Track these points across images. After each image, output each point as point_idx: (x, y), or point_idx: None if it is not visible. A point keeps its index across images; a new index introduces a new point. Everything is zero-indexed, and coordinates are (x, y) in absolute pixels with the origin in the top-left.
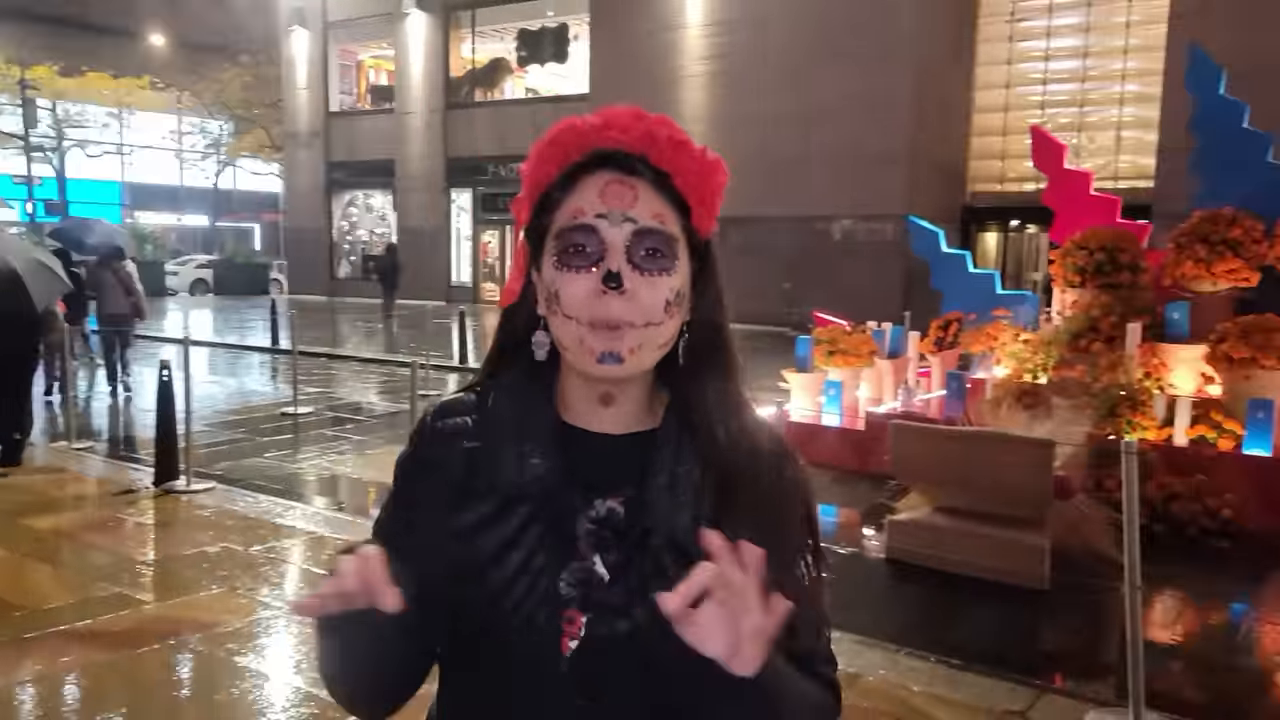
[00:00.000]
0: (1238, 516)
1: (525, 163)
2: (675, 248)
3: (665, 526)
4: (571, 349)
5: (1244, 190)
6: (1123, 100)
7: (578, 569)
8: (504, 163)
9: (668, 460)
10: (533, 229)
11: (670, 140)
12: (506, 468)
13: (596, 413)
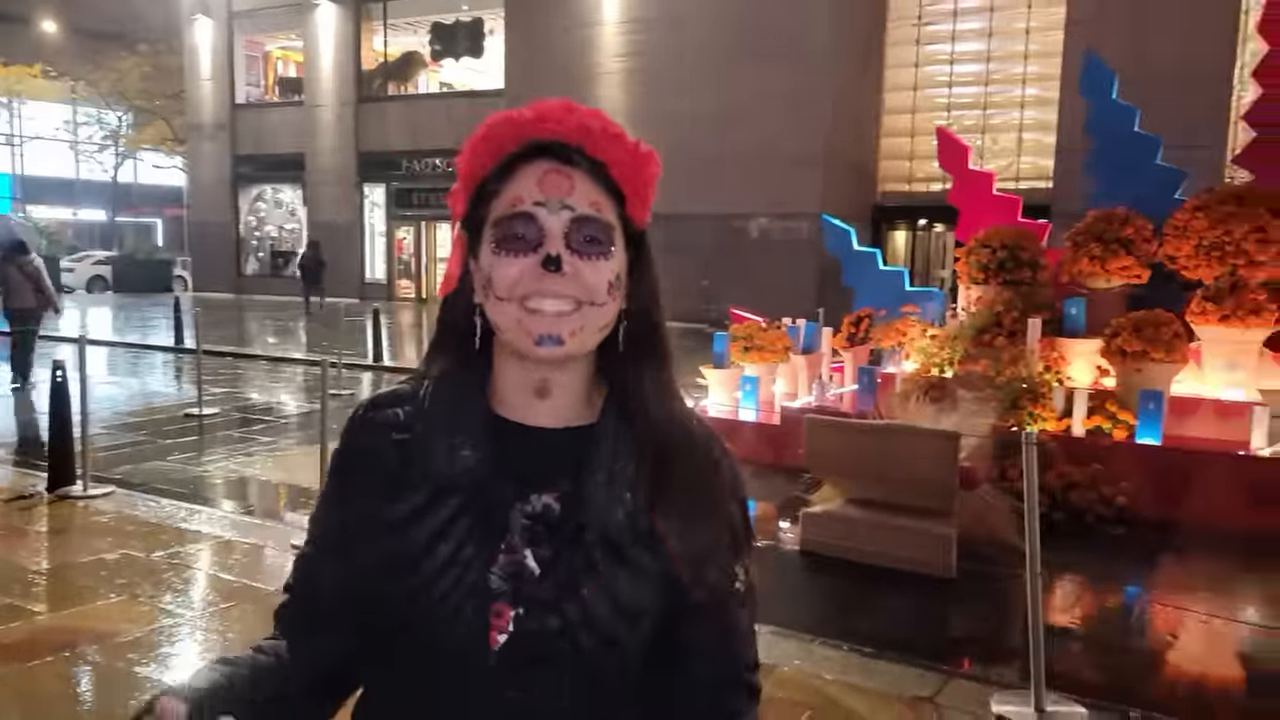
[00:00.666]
0: (1131, 504)
1: (460, 155)
2: (612, 235)
3: (599, 523)
4: (509, 331)
5: (1136, 191)
6: (1023, 104)
7: (508, 562)
8: (418, 157)
9: (605, 456)
10: (470, 219)
11: (604, 132)
12: (437, 458)
13: (532, 406)
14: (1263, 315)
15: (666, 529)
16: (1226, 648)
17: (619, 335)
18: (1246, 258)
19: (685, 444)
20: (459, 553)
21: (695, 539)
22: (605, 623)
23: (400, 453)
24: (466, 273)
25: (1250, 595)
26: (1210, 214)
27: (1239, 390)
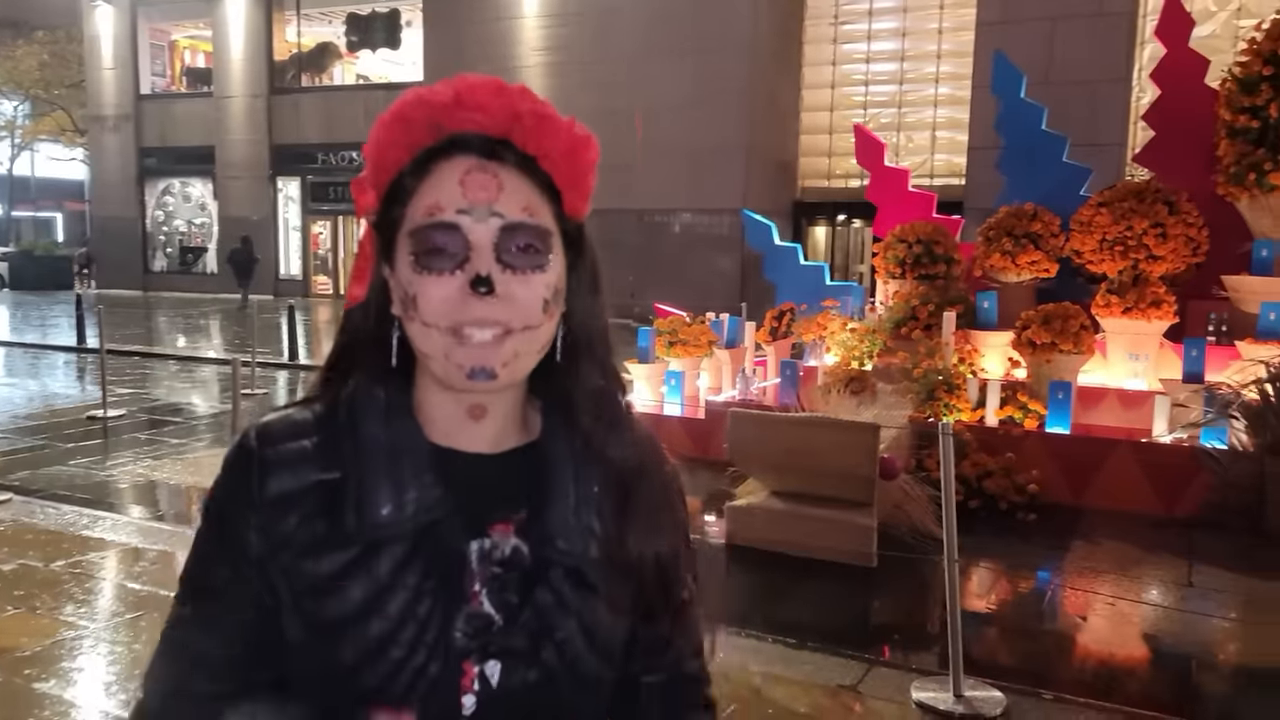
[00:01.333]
0: (1043, 490)
1: (367, 142)
2: (549, 241)
3: (567, 555)
4: (435, 360)
5: (1044, 187)
6: (937, 102)
7: (472, 614)
8: (334, 150)
9: (564, 479)
10: (382, 220)
11: (535, 115)
12: (381, 503)
13: (465, 429)
14: (1163, 308)
15: (637, 552)
16: (1131, 628)
17: (557, 345)
18: (1147, 252)
19: (639, 459)
20: (414, 607)
21: (664, 559)
22: (584, 663)
23: (322, 497)
24: (378, 277)
25: (1153, 576)
26: (1113, 210)
27: (1141, 380)
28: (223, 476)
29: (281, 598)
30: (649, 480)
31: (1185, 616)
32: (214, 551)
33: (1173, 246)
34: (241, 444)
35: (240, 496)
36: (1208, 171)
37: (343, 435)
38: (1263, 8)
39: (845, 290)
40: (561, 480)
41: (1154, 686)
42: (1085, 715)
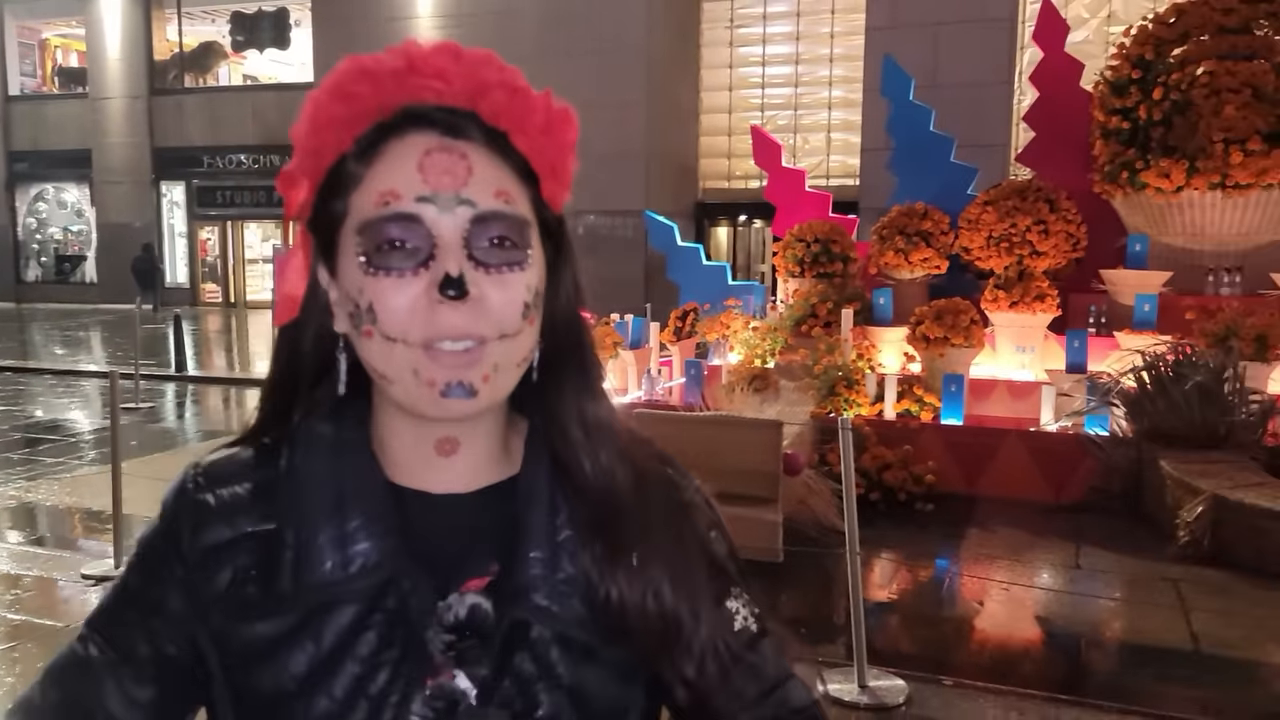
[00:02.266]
0: (939, 481)
1: (297, 123)
2: (527, 234)
3: (548, 619)
4: (400, 383)
5: (933, 187)
6: (831, 105)
7: (436, 690)
8: (221, 153)
9: (541, 523)
10: (320, 217)
11: (504, 86)
12: (323, 562)
13: (433, 467)
14: (1046, 301)
15: (631, 609)
16: (1025, 611)
17: (534, 360)
18: (1030, 248)
19: (637, 489)
20: (366, 684)
21: (666, 614)
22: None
23: (263, 553)
24: (314, 288)
25: (1043, 560)
26: (998, 208)
27: (1028, 371)
28: (157, 521)
29: (211, 670)
30: (650, 515)
31: (1074, 598)
32: (132, 605)
33: (1054, 242)
34: (180, 486)
35: (169, 547)
36: (1085, 170)
37: (279, 479)
38: (1130, 15)
39: (747, 289)
40: (536, 523)
41: (1047, 667)
42: (983, 699)
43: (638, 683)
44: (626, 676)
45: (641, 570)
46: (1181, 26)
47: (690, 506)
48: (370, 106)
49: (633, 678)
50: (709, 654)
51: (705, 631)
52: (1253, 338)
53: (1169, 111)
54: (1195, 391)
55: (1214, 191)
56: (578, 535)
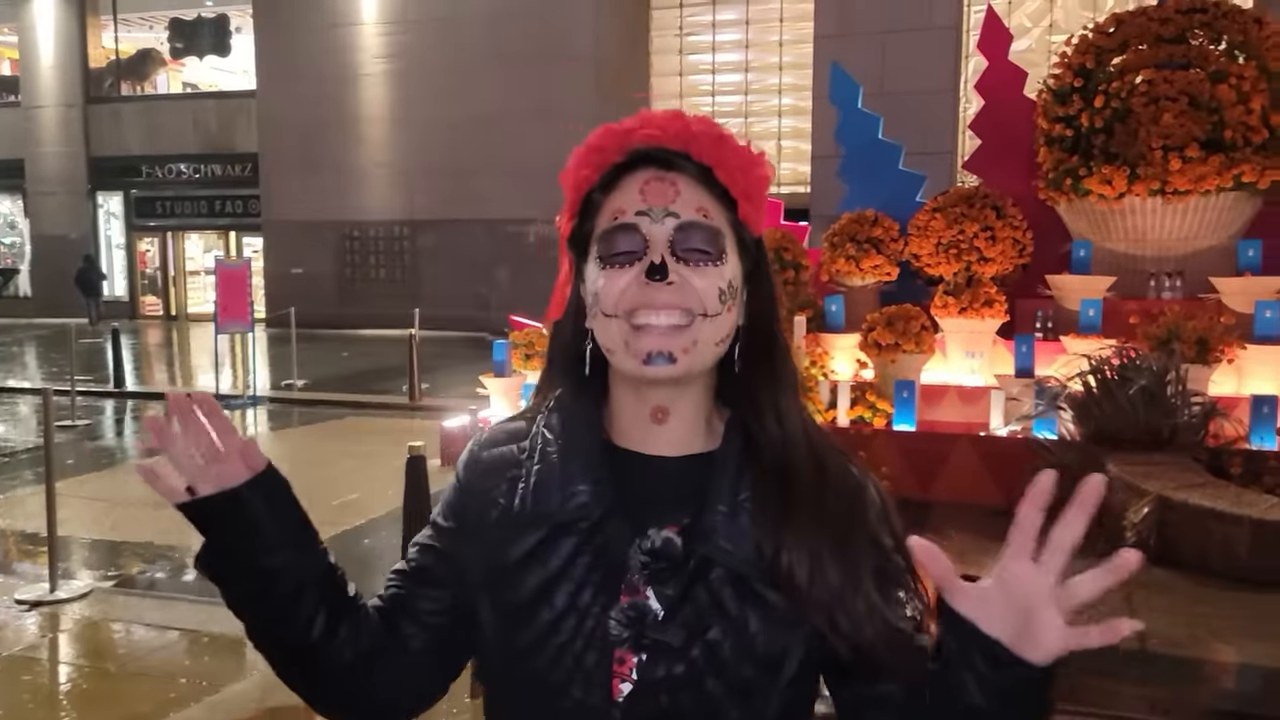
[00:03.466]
0: (893, 486)
1: (563, 173)
2: (722, 242)
3: (725, 558)
4: (617, 352)
5: (883, 194)
6: (781, 112)
7: (630, 606)
8: (161, 163)
9: (727, 485)
10: (576, 236)
11: (710, 135)
12: (551, 498)
13: (650, 433)
14: (995, 307)
15: (795, 566)
16: None
17: (735, 353)
18: (978, 254)
19: (815, 471)
20: (577, 598)
21: (825, 578)
22: (735, 668)
23: (514, 493)
24: (575, 294)
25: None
26: (946, 215)
27: (978, 376)
28: (457, 470)
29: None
30: (822, 495)
31: None
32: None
33: (1001, 249)
34: (469, 449)
35: (459, 494)
36: (1029, 177)
37: (535, 440)
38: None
39: None
40: (723, 485)
41: None
42: None
43: (799, 632)
44: (787, 624)
45: (807, 537)
46: (1121, 36)
47: (864, 496)
48: (611, 152)
49: (793, 627)
50: (869, 624)
51: (863, 604)
52: (1194, 340)
53: (1110, 119)
54: (1140, 394)
55: (1154, 198)
56: (757, 500)
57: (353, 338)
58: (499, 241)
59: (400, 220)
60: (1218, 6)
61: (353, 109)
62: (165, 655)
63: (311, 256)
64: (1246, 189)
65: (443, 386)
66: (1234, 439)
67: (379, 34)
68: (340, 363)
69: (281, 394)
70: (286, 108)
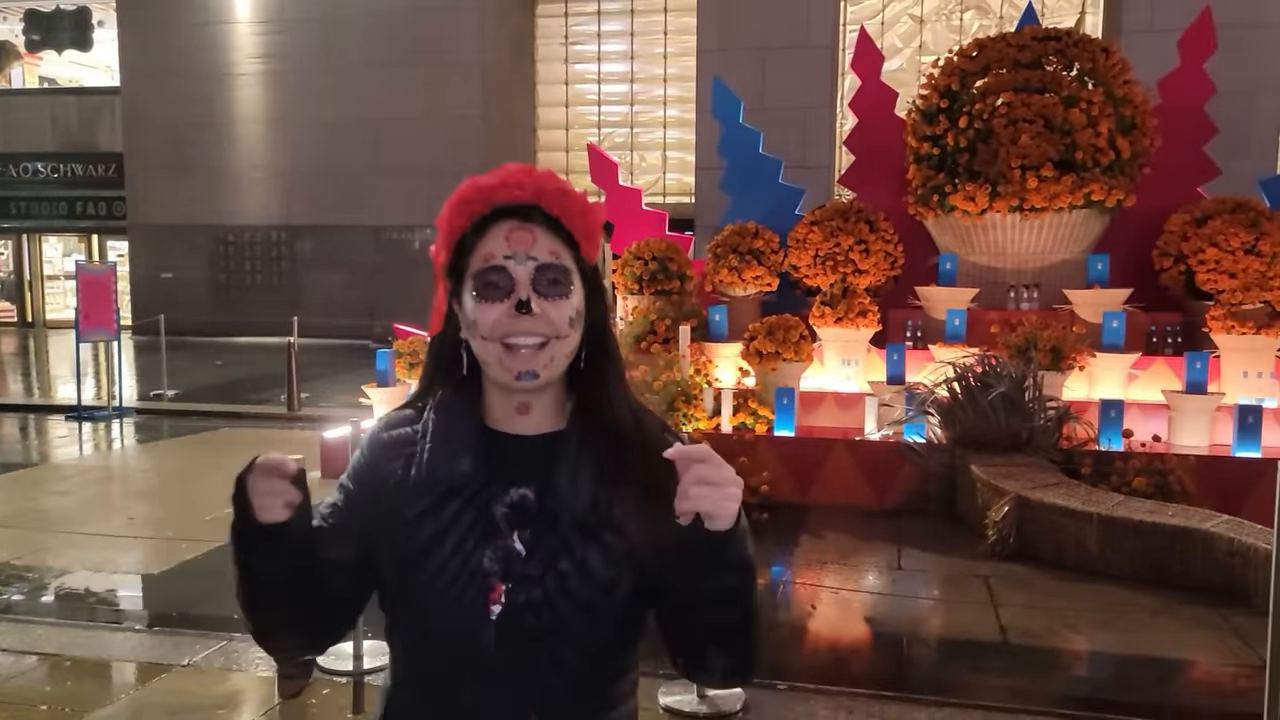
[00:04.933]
0: (773, 490)
1: (439, 216)
2: (570, 276)
3: (568, 509)
4: (492, 365)
5: (764, 207)
6: (666, 124)
7: (499, 546)
8: (17, 161)
9: (570, 455)
10: (452, 268)
11: (556, 190)
12: (441, 467)
13: (516, 419)
14: (868, 317)
15: (625, 514)
16: (853, 613)
17: (581, 356)
18: (853, 266)
19: (641, 448)
20: (462, 544)
21: (653, 520)
22: (580, 591)
23: (410, 465)
24: (450, 313)
25: (869, 563)
26: (823, 228)
27: (853, 383)
28: (364, 448)
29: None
30: (645, 454)
31: (896, 599)
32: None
33: (874, 261)
34: (375, 428)
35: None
36: (900, 193)
37: (427, 425)
38: (939, 45)
39: None
40: (568, 455)
41: (873, 666)
42: (814, 700)
43: (629, 562)
44: (619, 557)
45: (633, 492)
46: (983, 60)
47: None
48: (478, 204)
49: (624, 558)
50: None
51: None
52: (1049, 349)
53: (973, 139)
54: (1000, 400)
55: (1013, 214)
56: (594, 462)
57: (227, 346)
58: (382, 247)
59: (278, 225)
60: (1069, 35)
61: (227, 109)
62: (24, 682)
63: (182, 261)
64: (1096, 207)
65: (323, 396)
66: (1085, 441)
67: (254, 33)
68: (214, 372)
69: (150, 405)
70: (154, 106)
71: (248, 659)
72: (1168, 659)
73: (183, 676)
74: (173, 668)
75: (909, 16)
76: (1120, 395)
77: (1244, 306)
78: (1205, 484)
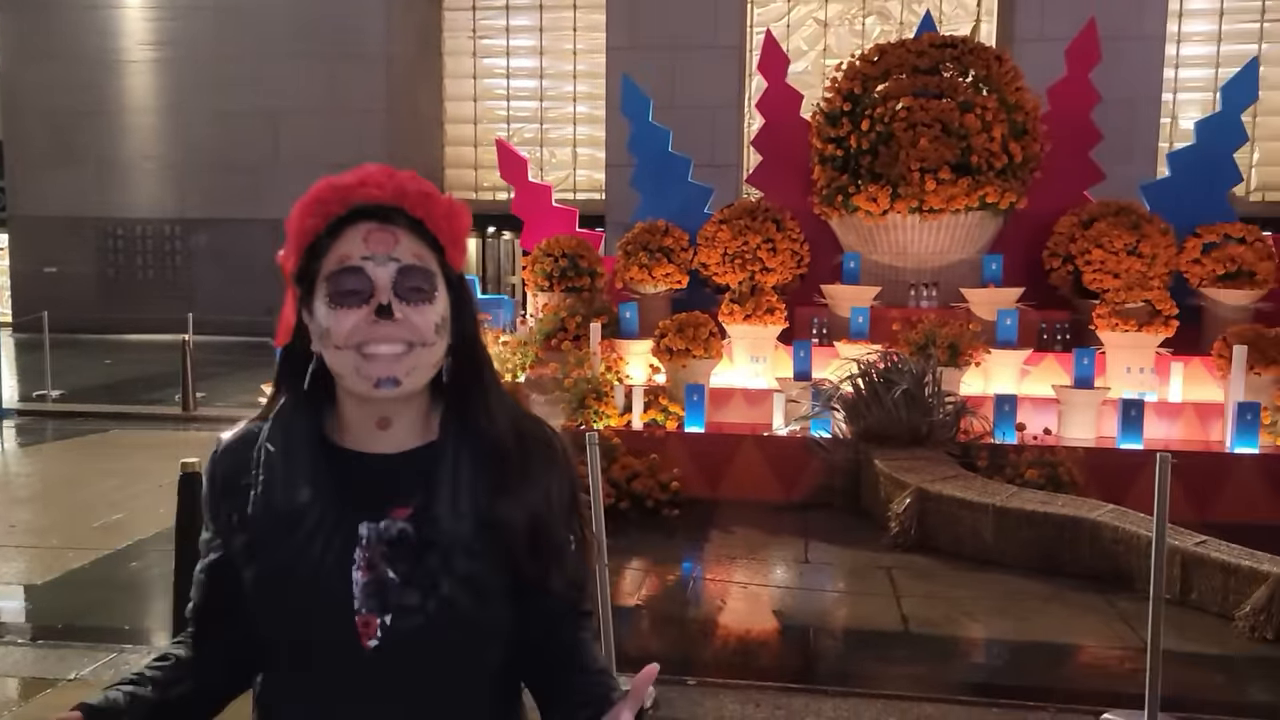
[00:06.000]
0: (684, 487)
1: (288, 218)
2: (435, 281)
3: (450, 534)
4: (348, 377)
5: (673, 205)
6: (575, 120)
7: (371, 579)
8: None
9: (448, 471)
10: (302, 274)
11: (420, 193)
12: (277, 499)
13: (374, 436)
14: (776, 314)
15: (508, 520)
16: (762, 606)
17: (447, 365)
18: (761, 265)
19: (520, 457)
20: (318, 573)
21: (538, 517)
22: (464, 613)
23: (249, 493)
24: (299, 324)
25: (777, 557)
26: (731, 227)
27: (762, 379)
28: (205, 475)
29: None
30: (525, 454)
31: (803, 592)
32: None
33: (781, 259)
34: (211, 457)
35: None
36: (806, 193)
37: (261, 447)
38: (843, 49)
39: (496, 303)
40: (445, 471)
41: (781, 659)
42: (723, 694)
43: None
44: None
45: (516, 505)
46: (884, 65)
47: (559, 458)
48: (334, 205)
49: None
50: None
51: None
52: (947, 346)
53: (875, 142)
54: (902, 396)
55: (913, 215)
56: (474, 476)
57: (117, 343)
58: (281, 242)
59: (171, 218)
60: (965, 43)
61: (116, 97)
62: None
63: (68, 255)
64: (990, 209)
65: (221, 395)
66: (981, 434)
67: (146, 18)
68: (103, 370)
69: (33, 406)
70: (37, 93)
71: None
72: (1059, 644)
73: (70, 692)
74: (58, 683)
75: (814, 20)
76: (1013, 390)
77: (1127, 305)
78: (1092, 475)
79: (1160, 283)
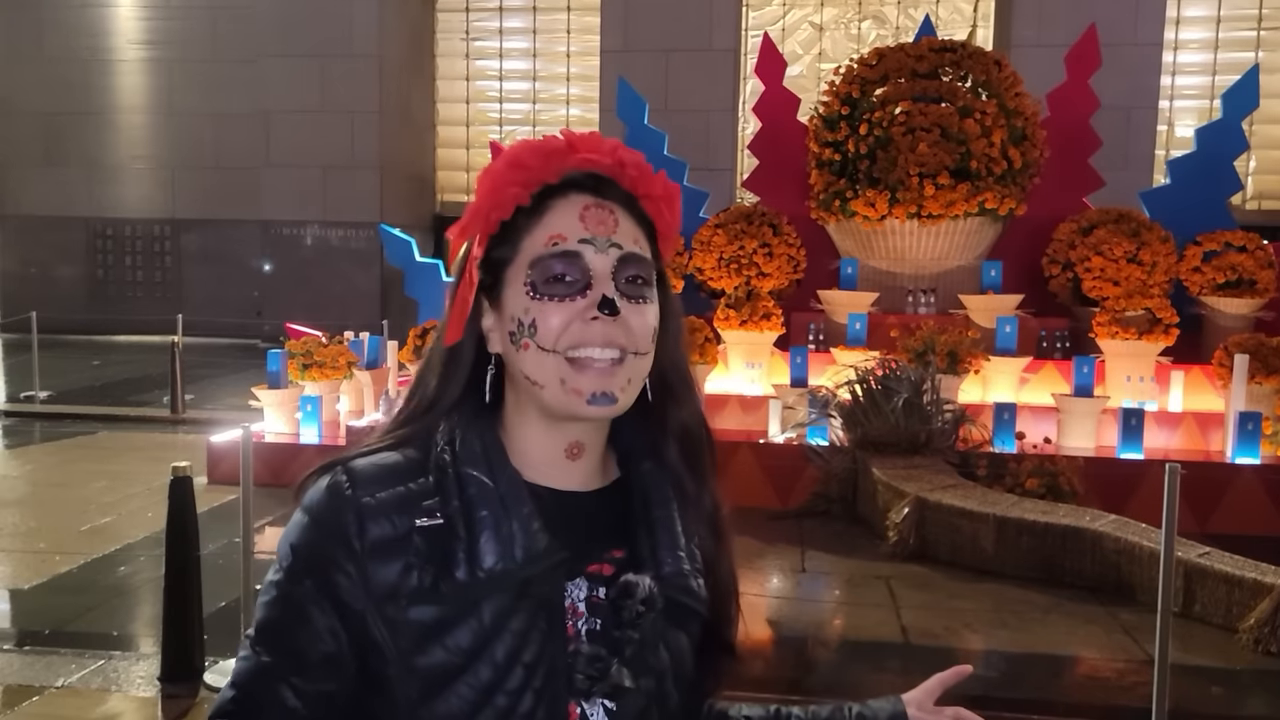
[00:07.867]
0: None
1: (480, 188)
2: (652, 276)
3: (681, 591)
4: (550, 388)
5: None
6: (569, 123)
7: (594, 655)
8: None
9: (664, 517)
10: (491, 259)
11: (636, 164)
12: (486, 553)
13: (562, 468)
14: (772, 320)
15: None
16: (757, 615)
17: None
18: (757, 270)
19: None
20: (519, 653)
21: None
22: (674, 689)
23: (428, 544)
24: (474, 319)
25: (773, 566)
26: (727, 231)
27: (758, 386)
28: (309, 523)
29: (386, 653)
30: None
31: (800, 602)
32: (301, 608)
33: (778, 264)
34: (331, 488)
35: (335, 546)
36: (802, 197)
37: (446, 481)
38: (839, 53)
39: None
40: (665, 516)
41: (777, 669)
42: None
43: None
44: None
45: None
46: (882, 69)
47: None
48: (537, 173)
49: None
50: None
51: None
52: (945, 353)
53: (873, 146)
54: (900, 403)
55: (911, 220)
56: (689, 527)
57: (106, 345)
58: (272, 243)
59: (161, 218)
60: (964, 47)
61: (106, 97)
62: None
63: (56, 256)
64: (989, 215)
65: (210, 398)
66: (980, 443)
67: (139, 18)
68: (91, 372)
69: (21, 407)
70: (24, 92)
71: (128, 679)
72: (1059, 655)
73: (57, 700)
74: (45, 690)
75: (809, 24)
76: (1013, 398)
77: (1127, 313)
78: (1092, 484)
79: (1160, 291)
